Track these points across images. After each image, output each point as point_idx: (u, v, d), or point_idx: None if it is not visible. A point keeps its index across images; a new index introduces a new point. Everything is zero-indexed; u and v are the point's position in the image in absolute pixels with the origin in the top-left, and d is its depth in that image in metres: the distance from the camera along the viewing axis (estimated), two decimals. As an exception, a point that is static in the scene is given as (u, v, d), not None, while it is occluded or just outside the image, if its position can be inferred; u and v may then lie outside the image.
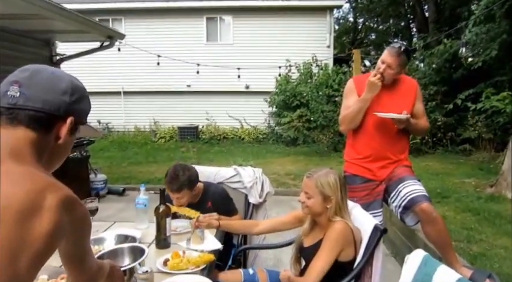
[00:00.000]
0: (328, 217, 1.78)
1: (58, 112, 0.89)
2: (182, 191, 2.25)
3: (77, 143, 5.15)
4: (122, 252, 1.68)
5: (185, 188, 2.26)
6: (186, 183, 2.25)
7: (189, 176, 2.28)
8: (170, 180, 2.25)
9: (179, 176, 2.23)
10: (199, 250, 1.91)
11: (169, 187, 2.25)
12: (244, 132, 12.12)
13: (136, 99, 12.66)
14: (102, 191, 5.76)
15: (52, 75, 0.91)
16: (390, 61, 2.40)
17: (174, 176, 2.24)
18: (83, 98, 0.96)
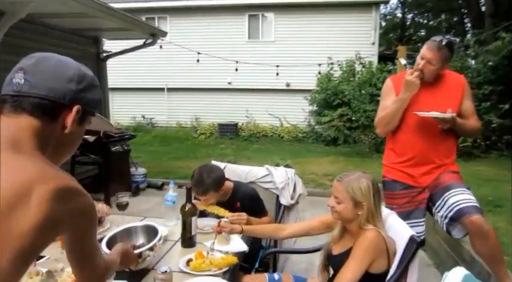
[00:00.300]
0: (359, 224, 1.66)
1: (64, 100, 0.85)
2: (208, 194, 2.21)
3: (119, 137, 5.33)
4: (135, 231, 1.74)
5: (211, 190, 2.21)
6: (211, 186, 2.20)
7: (214, 178, 2.22)
8: (196, 184, 2.21)
9: (204, 179, 2.19)
10: (223, 251, 1.87)
11: (195, 190, 2.21)
12: (283, 130, 12.02)
13: (179, 96, 12.95)
14: (141, 185, 5.92)
15: (59, 62, 0.88)
16: (430, 56, 2.20)
17: (199, 180, 2.20)
18: (92, 87, 0.93)
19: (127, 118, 13.33)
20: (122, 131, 5.60)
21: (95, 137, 4.94)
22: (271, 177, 2.75)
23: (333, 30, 11.64)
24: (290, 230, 2.04)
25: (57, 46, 5.35)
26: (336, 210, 1.70)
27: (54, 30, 5.27)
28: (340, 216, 1.71)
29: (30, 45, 4.80)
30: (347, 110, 9.98)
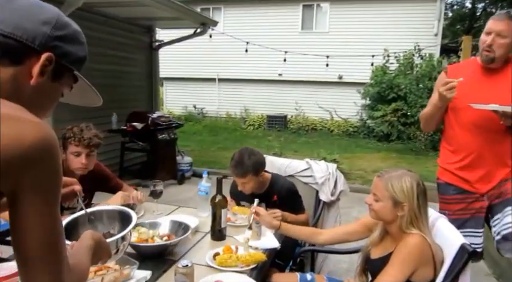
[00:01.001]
0: (401, 227, 1.49)
1: (32, 43, 0.71)
2: (247, 176, 2.14)
3: (167, 125, 5.43)
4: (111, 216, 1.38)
5: (250, 173, 2.13)
6: (252, 169, 2.13)
7: (255, 161, 2.16)
8: (235, 165, 2.15)
9: (244, 161, 2.13)
10: (253, 247, 1.78)
11: (234, 172, 2.16)
12: (333, 124, 11.66)
13: (230, 86, 13.04)
14: (187, 173, 6.01)
15: (37, 3, 0.76)
16: (500, 27, 1.85)
17: (239, 161, 2.15)
18: (73, 39, 0.79)
19: (179, 107, 13.71)
20: (169, 119, 5.71)
21: (142, 125, 5.08)
22: (311, 172, 2.61)
23: (390, 21, 11.01)
24: (328, 236, 1.88)
25: (112, 34, 5.55)
26: (374, 209, 1.55)
27: (109, 19, 5.46)
28: (378, 216, 1.55)
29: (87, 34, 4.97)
30: (402, 104, 9.42)
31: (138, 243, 1.63)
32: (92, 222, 1.32)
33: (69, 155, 2.07)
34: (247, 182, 2.16)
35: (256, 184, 2.22)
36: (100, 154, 5.37)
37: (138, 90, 6.31)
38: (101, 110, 5.20)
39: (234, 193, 2.41)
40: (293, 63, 10.85)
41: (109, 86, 5.48)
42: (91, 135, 2.08)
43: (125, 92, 5.86)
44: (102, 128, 5.14)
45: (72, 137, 2.06)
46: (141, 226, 1.81)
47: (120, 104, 5.58)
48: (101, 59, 5.28)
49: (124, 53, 5.88)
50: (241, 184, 2.18)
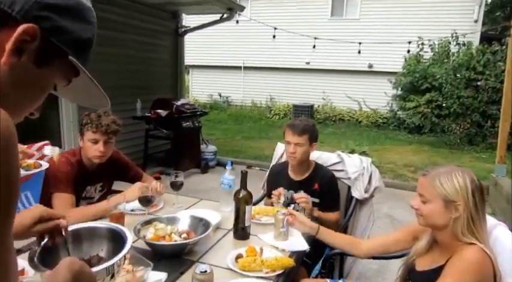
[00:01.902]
0: (455, 233, 1.26)
1: (10, 8, 0.51)
2: (304, 136, 2.09)
3: (191, 113, 5.31)
4: (100, 235, 1.18)
5: (308, 134, 2.11)
6: (310, 130, 2.13)
7: (314, 125, 2.21)
8: (294, 122, 2.16)
9: (303, 121, 2.17)
10: (280, 249, 1.61)
11: (292, 129, 2.11)
12: (362, 115, 11.27)
13: (255, 75, 12.82)
14: (211, 162, 5.90)
15: None
16: None
17: (298, 121, 2.17)
18: (75, 13, 0.58)
19: (204, 95, 13.64)
20: (194, 107, 5.59)
21: (167, 112, 4.98)
22: (343, 166, 2.40)
23: (426, 6, 10.40)
24: (369, 246, 1.67)
25: (138, 20, 5.45)
26: (422, 213, 1.32)
27: (135, 4, 5.35)
28: (428, 221, 1.33)
29: (113, 18, 4.92)
30: (437, 95, 8.95)
31: (154, 242, 1.49)
32: (76, 242, 1.13)
33: (86, 142, 1.96)
34: (301, 145, 2.10)
35: (305, 156, 2.15)
36: (124, 141, 5.38)
37: (163, 76, 6.22)
38: (126, 96, 5.17)
39: (274, 177, 2.29)
40: (321, 52, 10.49)
41: (134, 72, 5.41)
42: (109, 121, 1.96)
43: (150, 79, 5.78)
44: (126, 115, 5.13)
45: (89, 124, 1.94)
46: (159, 221, 1.67)
47: (145, 91, 5.51)
48: (127, 45, 5.20)
49: (150, 39, 5.77)
50: (293, 146, 2.10)
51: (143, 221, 1.63)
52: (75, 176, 1.95)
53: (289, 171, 2.26)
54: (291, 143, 2.12)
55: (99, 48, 3.62)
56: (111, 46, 4.92)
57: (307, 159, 2.21)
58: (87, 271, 0.80)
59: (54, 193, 1.86)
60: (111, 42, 4.92)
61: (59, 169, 1.92)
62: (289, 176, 2.25)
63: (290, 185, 2.23)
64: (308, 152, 2.16)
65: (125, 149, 5.21)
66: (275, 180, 2.30)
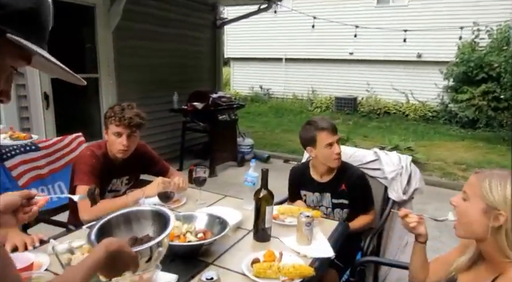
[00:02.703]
0: (500, 247, 1.07)
1: None
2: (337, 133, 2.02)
3: (227, 105, 5.26)
4: (138, 216, 1.23)
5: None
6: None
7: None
8: (322, 123, 2.01)
9: (325, 119, 2.09)
10: (301, 254, 1.48)
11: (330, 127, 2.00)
12: (409, 107, 10.67)
13: (297, 67, 12.57)
14: (247, 156, 5.83)
15: None
16: None
17: (324, 120, 2.06)
18: None
19: (245, 88, 13.62)
20: (230, 99, 5.53)
21: (203, 105, 4.96)
22: (380, 164, 2.21)
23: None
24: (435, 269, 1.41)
25: (178, 13, 5.46)
26: (458, 210, 1.17)
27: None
28: (463, 225, 1.16)
29: (153, 13, 4.97)
30: (494, 86, 8.22)
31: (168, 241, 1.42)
32: (127, 224, 1.20)
33: (111, 136, 1.93)
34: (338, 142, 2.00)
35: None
36: (161, 133, 5.44)
37: (201, 69, 6.21)
38: (163, 89, 5.21)
39: (296, 180, 2.16)
40: (365, 41, 10.05)
41: (172, 66, 5.44)
42: (132, 114, 1.92)
43: (188, 72, 5.79)
44: (164, 108, 5.19)
45: (112, 117, 1.91)
46: (175, 219, 1.60)
47: (182, 84, 5.54)
48: (166, 38, 5.23)
49: (188, 32, 5.77)
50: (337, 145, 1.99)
51: (159, 219, 1.56)
52: (101, 169, 1.94)
53: (312, 173, 2.11)
54: (333, 143, 1.98)
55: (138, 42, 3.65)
56: (151, 40, 4.97)
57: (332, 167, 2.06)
58: (127, 250, 0.86)
59: (78, 185, 1.86)
60: (151, 36, 4.97)
61: (84, 162, 1.92)
62: (312, 178, 2.10)
63: (315, 188, 2.09)
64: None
65: (162, 142, 5.30)
66: (298, 183, 2.16)
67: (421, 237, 1.40)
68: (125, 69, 4.62)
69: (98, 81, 4.44)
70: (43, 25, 0.55)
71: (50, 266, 1.36)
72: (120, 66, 4.55)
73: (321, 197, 2.08)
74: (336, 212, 2.05)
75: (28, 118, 3.61)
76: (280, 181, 2.16)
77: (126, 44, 4.59)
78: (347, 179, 2.01)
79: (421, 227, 1.38)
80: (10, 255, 0.60)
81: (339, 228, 1.77)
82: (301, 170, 2.17)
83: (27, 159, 2.26)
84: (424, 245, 1.40)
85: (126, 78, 4.65)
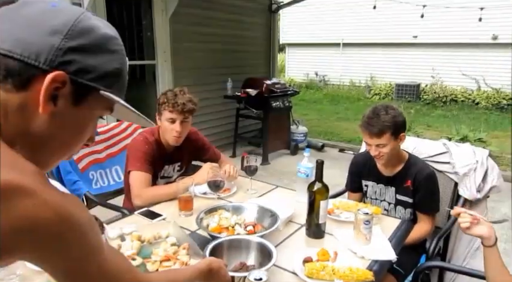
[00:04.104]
0: None
1: (36, 61, 0.53)
2: (384, 135, 1.72)
3: (281, 92, 5.14)
4: (247, 245, 1.28)
5: (388, 131, 1.72)
6: (390, 125, 1.72)
7: (394, 116, 1.74)
8: (368, 121, 1.75)
9: (380, 115, 1.73)
10: (358, 255, 1.35)
11: (367, 129, 1.75)
12: (480, 95, 9.78)
13: (355, 51, 12.02)
14: (301, 144, 5.68)
15: (50, 8, 0.56)
16: None
17: (372, 116, 1.75)
18: (97, 48, 0.58)
19: (300, 74, 13.34)
20: (284, 86, 5.39)
21: (256, 91, 4.89)
22: (450, 157, 1.98)
23: None
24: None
25: (231, -2, 5.40)
26: None
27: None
28: None
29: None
30: None
31: (215, 234, 1.36)
32: (237, 249, 1.27)
33: (164, 122, 1.91)
34: (383, 145, 1.74)
35: (394, 152, 1.79)
36: (215, 120, 5.47)
37: (256, 55, 6.12)
38: (217, 75, 5.20)
39: (359, 169, 2.01)
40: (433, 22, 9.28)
41: (226, 51, 5.41)
42: (185, 100, 1.88)
43: (242, 57, 5.73)
44: (218, 94, 5.19)
45: (166, 103, 1.88)
46: (225, 209, 1.55)
47: (236, 70, 5.49)
48: (219, 24, 5.19)
49: (243, 17, 5.69)
50: (375, 149, 1.77)
51: (208, 209, 1.52)
52: (153, 155, 1.93)
53: (377, 163, 1.95)
54: (371, 145, 1.79)
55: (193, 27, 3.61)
56: (206, 26, 4.96)
57: (397, 154, 1.85)
58: (223, 272, 0.98)
59: (131, 171, 1.87)
60: (206, 22, 4.96)
61: (137, 148, 1.92)
62: (377, 169, 1.93)
63: (378, 179, 1.92)
64: (396, 147, 1.80)
65: (216, 128, 5.32)
66: (360, 173, 2.00)
67: (485, 240, 1.23)
68: (180, 55, 4.66)
69: (155, 68, 4.54)
70: (124, 80, 0.65)
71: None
72: (175, 53, 4.60)
73: (385, 190, 1.92)
74: (398, 210, 1.88)
75: (91, 103, 3.77)
76: (335, 171, 2.02)
77: (182, 29, 4.61)
78: (414, 176, 1.81)
79: (477, 228, 1.22)
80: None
81: (401, 226, 1.60)
82: (365, 158, 1.99)
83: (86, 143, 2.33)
84: (491, 248, 1.22)
85: (181, 65, 4.70)
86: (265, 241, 1.26)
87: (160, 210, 1.72)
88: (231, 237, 1.31)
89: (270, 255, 1.19)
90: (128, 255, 1.27)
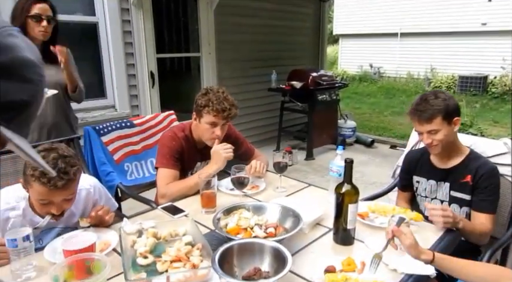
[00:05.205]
0: None
1: None
2: (435, 120, 1.57)
3: (328, 85, 4.92)
4: (260, 248, 1.17)
5: (439, 115, 1.57)
6: (441, 109, 1.57)
7: (445, 99, 1.59)
8: (416, 107, 1.61)
9: (429, 100, 1.59)
10: (389, 267, 1.19)
11: (416, 115, 1.61)
12: (560, 88, 8.73)
13: (414, 42, 11.29)
14: (349, 139, 5.43)
15: None
16: None
17: (420, 102, 1.61)
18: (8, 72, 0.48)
19: (354, 67, 12.83)
20: (332, 78, 5.15)
21: (302, 84, 4.72)
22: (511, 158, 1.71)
23: None
24: None
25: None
26: None
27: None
28: None
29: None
30: None
31: (231, 236, 1.27)
32: (251, 253, 1.17)
33: (204, 125, 1.82)
34: (435, 131, 1.59)
35: (449, 139, 1.61)
36: (259, 113, 5.39)
37: (304, 46, 5.92)
38: (262, 67, 5.10)
39: (412, 164, 1.83)
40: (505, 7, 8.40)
41: (271, 43, 5.28)
42: (229, 105, 1.78)
43: (288, 49, 5.57)
44: (262, 87, 5.09)
45: (209, 106, 1.77)
46: (245, 209, 1.45)
47: (282, 62, 5.35)
48: (264, 14, 5.07)
49: (291, 7, 5.51)
50: (427, 136, 1.61)
51: (227, 208, 1.43)
52: (182, 152, 1.88)
53: (432, 156, 1.75)
54: (422, 133, 1.62)
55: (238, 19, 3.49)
56: (250, 16, 4.87)
57: (454, 142, 1.66)
58: None
59: (158, 168, 1.84)
60: (251, 13, 4.87)
61: (164, 143, 1.88)
62: (430, 162, 1.74)
63: (430, 174, 1.73)
64: (450, 133, 1.61)
65: (259, 121, 5.24)
66: (411, 169, 1.83)
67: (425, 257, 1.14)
68: (224, 47, 4.62)
69: (200, 60, 4.54)
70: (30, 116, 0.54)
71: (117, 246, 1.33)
72: (220, 44, 4.56)
73: (436, 186, 1.72)
74: (452, 209, 1.66)
75: (136, 96, 3.85)
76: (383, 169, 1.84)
77: (226, 21, 4.56)
78: (475, 171, 1.61)
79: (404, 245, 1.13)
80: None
81: (445, 237, 1.41)
82: (420, 153, 1.83)
83: (122, 135, 2.35)
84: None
85: (225, 56, 4.65)
86: (280, 246, 1.13)
87: (185, 206, 1.67)
88: (243, 241, 1.20)
89: (285, 261, 1.08)
90: (140, 252, 1.23)
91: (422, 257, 1.13)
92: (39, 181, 1.22)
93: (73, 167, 1.28)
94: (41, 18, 1.99)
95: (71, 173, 1.26)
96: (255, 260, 1.15)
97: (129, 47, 3.70)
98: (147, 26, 3.76)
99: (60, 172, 1.23)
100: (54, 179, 1.22)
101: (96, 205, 1.51)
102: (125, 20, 3.61)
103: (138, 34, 3.72)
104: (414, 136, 2.37)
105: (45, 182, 1.22)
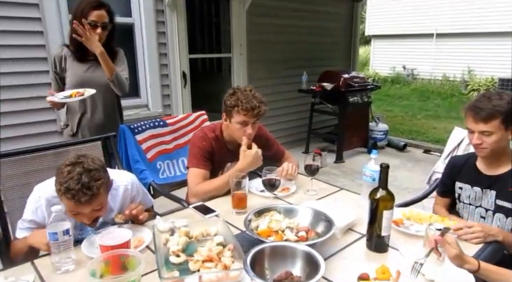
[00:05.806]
0: None
1: None
2: (492, 121, 1.48)
3: (360, 86, 4.83)
4: (292, 252, 1.16)
5: (498, 117, 1.47)
6: (502, 110, 1.47)
7: (509, 102, 1.49)
8: (476, 104, 1.52)
9: (492, 99, 1.50)
10: (427, 278, 1.15)
11: (473, 112, 1.51)
12: None
13: (450, 42, 10.89)
14: (380, 142, 5.30)
15: None
16: None
17: (482, 100, 1.52)
18: None
19: (386, 68, 12.54)
20: (364, 80, 5.05)
21: (332, 85, 4.65)
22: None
23: None
24: None
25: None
26: None
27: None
28: None
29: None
30: None
31: (262, 238, 1.27)
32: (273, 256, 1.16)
33: (234, 125, 1.82)
34: (489, 133, 1.50)
35: (501, 145, 1.53)
36: (289, 114, 5.37)
37: (335, 47, 5.83)
38: (292, 68, 5.07)
39: (455, 170, 1.75)
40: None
41: (303, 43, 5.24)
42: (258, 102, 1.78)
43: (319, 50, 5.50)
44: (292, 88, 5.06)
45: (239, 106, 1.77)
46: (276, 211, 1.44)
47: (313, 63, 5.30)
48: (296, 15, 5.04)
49: (323, 7, 5.45)
50: (477, 137, 1.53)
51: (258, 210, 1.43)
52: (212, 152, 1.89)
53: (478, 161, 1.67)
54: (474, 132, 1.53)
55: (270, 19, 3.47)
56: (282, 17, 4.85)
57: (504, 150, 1.56)
58: None
59: (190, 168, 1.86)
60: (283, 13, 4.85)
61: (194, 143, 1.90)
62: (476, 168, 1.66)
63: (475, 181, 1.65)
64: (504, 139, 1.52)
65: (289, 123, 5.21)
66: (454, 174, 1.74)
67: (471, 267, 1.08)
68: (255, 47, 4.63)
69: (231, 61, 4.57)
70: None
71: (151, 243, 1.36)
72: (251, 45, 4.57)
73: (481, 194, 1.64)
74: (497, 218, 1.59)
75: (169, 95, 3.93)
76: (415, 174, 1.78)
77: (258, 21, 4.56)
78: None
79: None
80: None
81: (486, 248, 1.34)
82: (465, 158, 1.75)
83: (155, 134, 2.40)
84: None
85: (256, 57, 4.66)
86: (313, 251, 1.12)
87: (216, 206, 1.68)
88: (275, 244, 1.19)
89: (318, 266, 1.06)
90: (173, 251, 1.25)
91: (466, 266, 1.09)
92: (64, 196, 1.24)
93: (97, 181, 1.26)
94: (96, 25, 2.07)
95: (94, 188, 1.25)
96: (286, 263, 1.14)
97: (162, 48, 3.77)
98: (180, 27, 3.82)
99: (83, 187, 1.22)
100: (78, 194, 1.22)
101: (134, 201, 1.54)
102: (159, 21, 3.69)
103: (171, 35, 3.79)
104: (452, 141, 2.29)
105: (69, 197, 1.23)
